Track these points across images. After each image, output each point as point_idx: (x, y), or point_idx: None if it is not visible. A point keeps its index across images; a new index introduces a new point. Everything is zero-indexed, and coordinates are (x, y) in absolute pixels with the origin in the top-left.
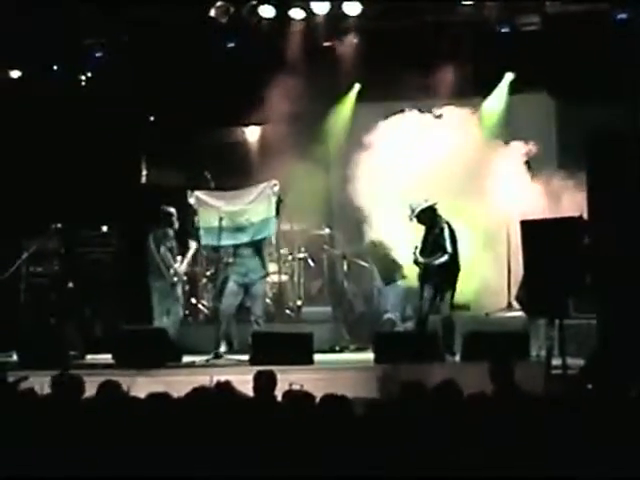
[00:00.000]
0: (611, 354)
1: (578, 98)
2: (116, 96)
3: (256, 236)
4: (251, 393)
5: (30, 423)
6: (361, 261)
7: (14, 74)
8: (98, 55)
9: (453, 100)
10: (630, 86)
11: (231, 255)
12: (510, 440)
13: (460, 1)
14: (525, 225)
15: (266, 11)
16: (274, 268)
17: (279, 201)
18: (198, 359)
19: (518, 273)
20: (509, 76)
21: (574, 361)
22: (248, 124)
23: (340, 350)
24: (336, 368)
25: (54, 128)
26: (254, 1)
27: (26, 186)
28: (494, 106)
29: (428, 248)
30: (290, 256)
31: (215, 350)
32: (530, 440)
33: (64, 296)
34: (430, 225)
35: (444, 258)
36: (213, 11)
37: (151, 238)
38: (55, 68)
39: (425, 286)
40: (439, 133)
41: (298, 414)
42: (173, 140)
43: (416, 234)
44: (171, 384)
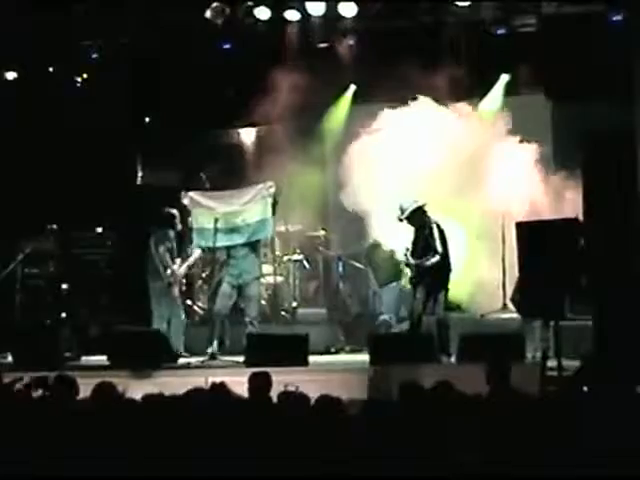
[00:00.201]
0: (607, 356)
1: (574, 99)
2: (112, 97)
3: (253, 237)
4: (246, 394)
5: (25, 424)
6: (356, 263)
7: (10, 75)
8: (94, 56)
9: (449, 101)
10: (626, 87)
11: (225, 256)
12: (506, 441)
13: (456, 2)
14: (520, 226)
15: (262, 13)
16: (269, 269)
17: (274, 202)
18: (193, 360)
19: (513, 274)
20: (505, 77)
21: (570, 363)
22: (244, 125)
23: (335, 352)
24: (331, 370)
25: (50, 129)
26: (250, 3)
27: (22, 187)
28: (490, 107)
29: (418, 249)
30: (285, 257)
31: (206, 350)
32: (525, 441)
33: (59, 297)
34: (420, 226)
35: (435, 259)
36: (209, 12)
37: (152, 238)
38: (51, 69)
39: (417, 287)
40: (436, 133)
41: (293, 415)
42: (169, 141)
43: (412, 235)
44: (166, 385)
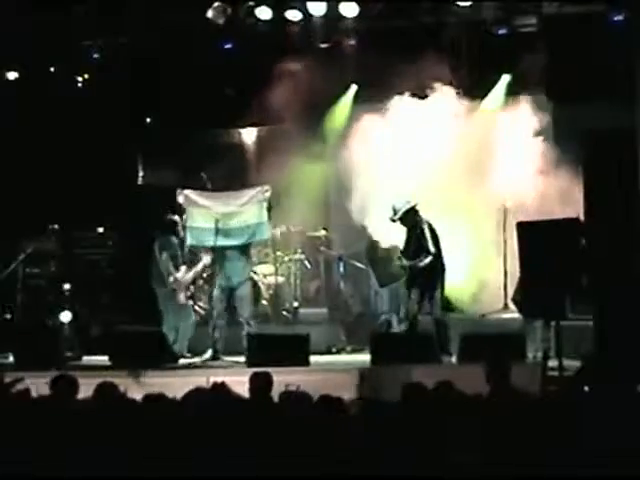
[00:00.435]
0: (608, 356)
1: (575, 99)
2: (113, 97)
3: (246, 240)
4: (247, 394)
5: (26, 424)
6: (358, 263)
7: (11, 75)
8: (95, 56)
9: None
10: (627, 87)
11: (217, 257)
12: (506, 441)
13: (457, 2)
14: (521, 226)
15: (263, 12)
16: (271, 270)
17: (270, 207)
18: (194, 360)
19: (515, 274)
20: (506, 77)
21: (571, 363)
22: (245, 125)
23: (337, 351)
24: (333, 369)
25: (51, 129)
26: (251, 2)
27: (23, 187)
28: (492, 107)
29: (411, 250)
30: (287, 258)
31: (208, 350)
32: (526, 441)
33: (61, 297)
34: (412, 226)
35: (428, 259)
36: (210, 12)
37: (156, 244)
38: (52, 69)
39: (412, 288)
40: (437, 133)
41: (294, 415)
42: (170, 141)
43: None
44: (167, 385)
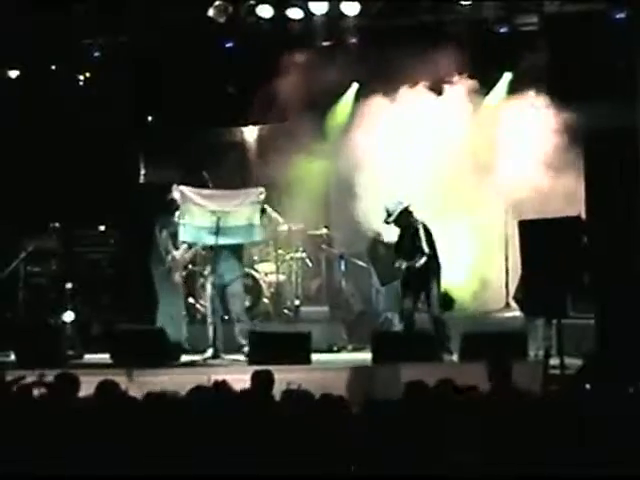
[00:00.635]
0: (609, 354)
1: (577, 97)
2: (114, 96)
3: (237, 240)
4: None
5: (27, 423)
6: (359, 261)
7: (13, 74)
8: (96, 55)
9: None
10: (629, 85)
11: (209, 256)
12: (508, 440)
13: (459, 1)
14: (523, 225)
15: (264, 11)
16: (272, 268)
17: (263, 209)
18: (196, 358)
19: (516, 273)
20: (508, 76)
21: (572, 361)
22: (246, 124)
23: (338, 350)
24: (334, 368)
25: (52, 128)
26: (252, 1)
27: (25, 185)
28: (494, 105)
29: (405, 250)
30: (288, 256)
31: (208, 348)
32: (528, 440)
33: (62, 295)
34: (406, 226)
35: (423, 260)
36: (211, 11)
37: (157, 225)
38: (53, 68)
39: (407, 288)
40: (439, 130)
41: (296, 414)
42: (171, 140)
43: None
44: (169, 384)
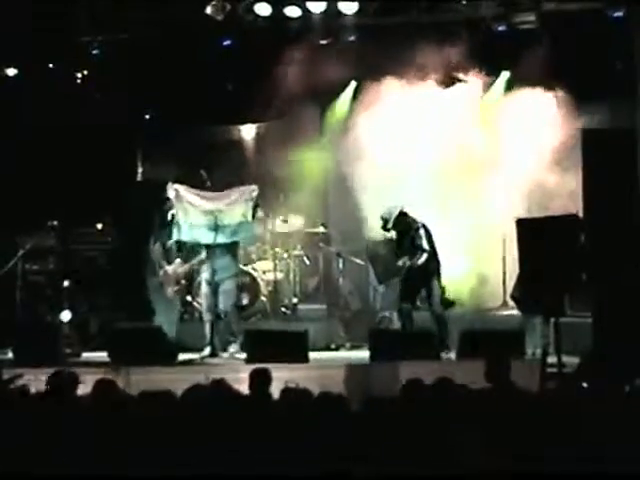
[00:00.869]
0: (607, 352)
1: (574, 96)
2: (112, 93)
3: (232, 238)
4: (246, 391)
5: (24, 421)
6: (357, 259)
7: (10, 72)
8: (95, 52)
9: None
10: (626, 84)
11: (203, 254)
12: (505, 438)
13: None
14: (521, 223)
15: (262, 9)
16: (269, 266)
17: (256, 206)
18: (194, 357)
19: (514, 271)
20: (505, 74)
21: (570, 359)
22: (244, 122)
23: (336, 348)
24: (332, 366)
25: (50, 126)
26: None
27: (22, 183)
28: (491, 104)
29: (406, 249)
30: (286, 254)
31: (206, 347)
32: (525, 438)
33: (60, 293)
34: (404, 229)
35: (424, 257)
36: (209, 9)
37: (153, 234)
38: (51, 66)
39: (408, 286)
40: (436, 128)
41: (295, 412)
42: (169, 138)
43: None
44: (167, 382)
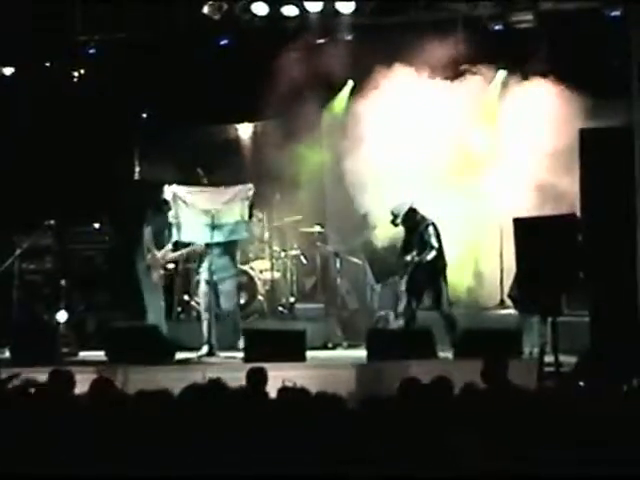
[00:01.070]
0: (604, 352)
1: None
2: (109, 93)
3: (228, 237)
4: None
5: (22, 420)
6: (354, 258)
7: (7, 71)
8: (91, 51)
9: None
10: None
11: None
12: (502, 437)
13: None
14: (518, 222)
15: (259, 8)
16: (267, 265)
17: (252, 204)
18: (191, 356)
19: (511, 270)
20: (502, 73)
21: (567, 358)
22: (241, 121)
23: (333, 347)
24: (329, 365)
25: (47, 125)
26: None
27: (19, 182)
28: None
29: (413, 247)
30: (283, 253)
31: (197, 350)
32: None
33: (57, 293)
34: (413, 225)
35: (432, 254)
36: (206, 8)
37: (145, 219)
38: (48, 64)
39: (414, 284)
40: (434, 127)
41: (292, 411)
42: (166, 136)
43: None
44: (164, 381)
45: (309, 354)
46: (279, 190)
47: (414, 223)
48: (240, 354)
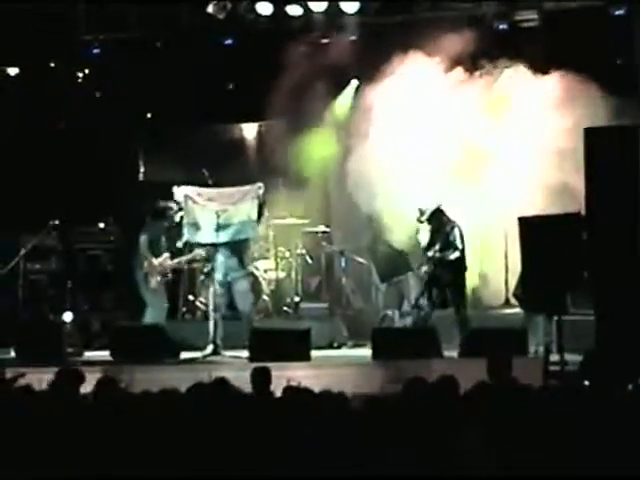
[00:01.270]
0: (609, 350)
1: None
2: (113, 92)
3: (236, 237)
4: (249, 389)
5: (27, 420)
6: (359, 258)
7: (12, 71)
8: (96, 51)
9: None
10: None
11: (213, 253)
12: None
13: None
14: (523, 221)
15: (263, 8)
16: (272, 265)
17: (262, 203)
18: (196, 355)
19: (516, 269)
20: (507, 72)
21: (572, 357)
22: (245, 121)
23: (338, 346)
24: (334, 364)
25: (52, 125)
26: None
27: (24, 182)
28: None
29: (437, 247)
30: (288, 253)
31: (202, 349)
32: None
33: (62, 292)
34: (438, 225)
35: (456, 254)
36: (211, 8)
37: (143, 227)
38: (53, 65)
39: (434, 282)
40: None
41: (297, 410)
42: (171, 136)
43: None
44: (169, 381)
45: (314, 353)
46: (284, 189)
47: (439, 223)
48: (245, 353)
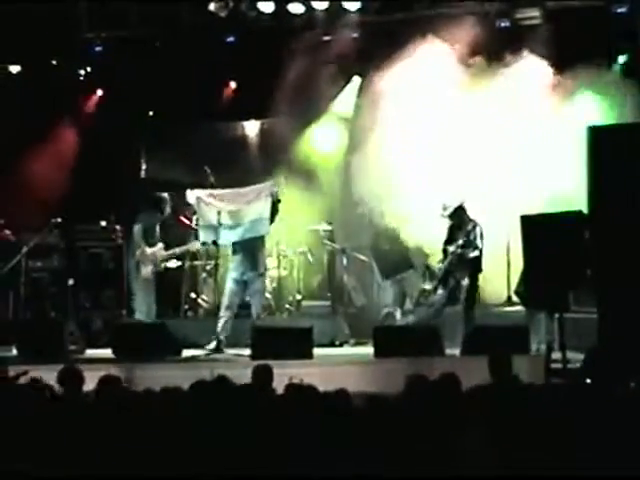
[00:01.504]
0: (611, 348)
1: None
2: (116, 90)
3: (245, 235)
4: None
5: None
6: (361, 255)
7: (14, 69)
8: (98, 49)
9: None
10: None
11: (229, 252)
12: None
13: None
14: (525, 219)
15: (265, 6)
16: (274, 263)
17: (277, 201)
18: (198, 353)
19: (518, 267)
20: (509, 70)
21: (574, 355)
22: (248, 118)
23: (340, 344)
24: (336, 362)
25: (53, 122)
26: None
27: (26, 180)
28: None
29: (460, 242)
30: (290, 251)
31: (205, 345)
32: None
33: (64, 290)
34: (459, 222)
35: (476, 252)
36: (212, 6)
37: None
38: (55, 62)
39: (450, 277)
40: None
41: (299, 408)
42: (173, 134)
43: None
44: (171, 378)
45: (316, 351)
46: (285, 187)
47: (461, 221)
48: (247, 351)
